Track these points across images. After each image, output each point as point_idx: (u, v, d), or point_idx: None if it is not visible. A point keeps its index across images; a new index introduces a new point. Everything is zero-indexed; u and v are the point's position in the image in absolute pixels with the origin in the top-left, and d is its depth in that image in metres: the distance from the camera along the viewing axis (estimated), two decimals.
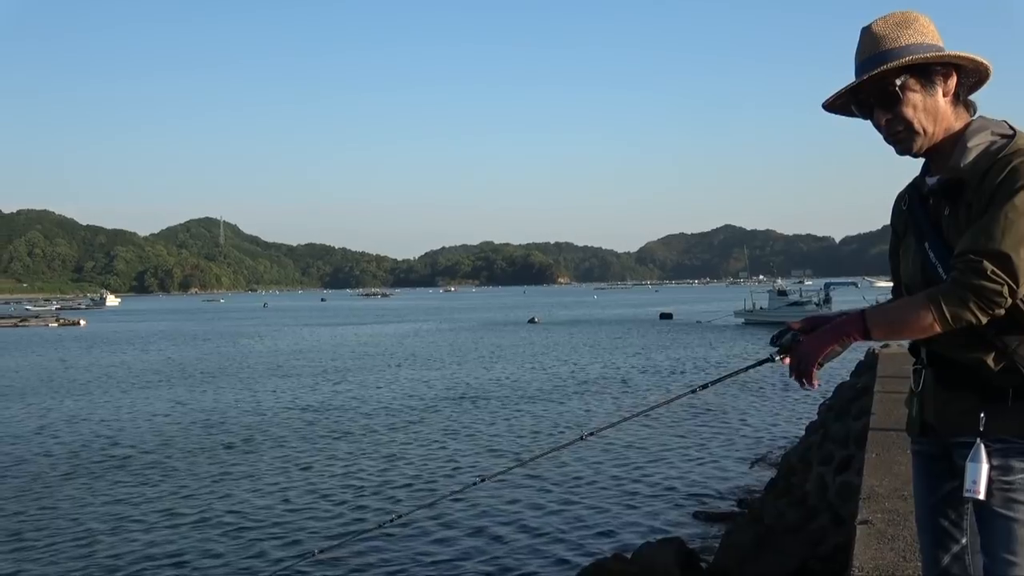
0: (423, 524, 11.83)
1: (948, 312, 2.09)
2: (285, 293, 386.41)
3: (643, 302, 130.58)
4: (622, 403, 23.68)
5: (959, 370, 2.25)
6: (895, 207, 2.52)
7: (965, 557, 2.34)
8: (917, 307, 2.15)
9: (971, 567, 2.33)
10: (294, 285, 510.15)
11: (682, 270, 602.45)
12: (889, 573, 4.08)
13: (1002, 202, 2.08)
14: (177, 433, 19.90)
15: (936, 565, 2.39)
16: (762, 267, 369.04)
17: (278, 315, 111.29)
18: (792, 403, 22.58)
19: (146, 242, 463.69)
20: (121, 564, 10.70)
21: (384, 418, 21.66)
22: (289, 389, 28.48)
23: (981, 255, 2.06)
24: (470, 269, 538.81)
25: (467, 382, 29.54)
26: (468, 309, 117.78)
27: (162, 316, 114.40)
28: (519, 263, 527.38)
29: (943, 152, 2.28)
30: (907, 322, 2.18)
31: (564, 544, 11.19)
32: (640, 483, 14.28)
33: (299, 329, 72.13)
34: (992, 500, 2.16)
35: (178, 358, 42.90)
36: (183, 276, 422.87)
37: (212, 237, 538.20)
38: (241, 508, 13.18)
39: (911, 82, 2.24)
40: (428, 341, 52.95)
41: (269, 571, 10.09)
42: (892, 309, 2.27)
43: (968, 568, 2.34)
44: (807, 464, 11.55)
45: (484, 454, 16.92)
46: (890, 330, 2.24)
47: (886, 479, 5.85)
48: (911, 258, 2.38)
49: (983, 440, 2.17)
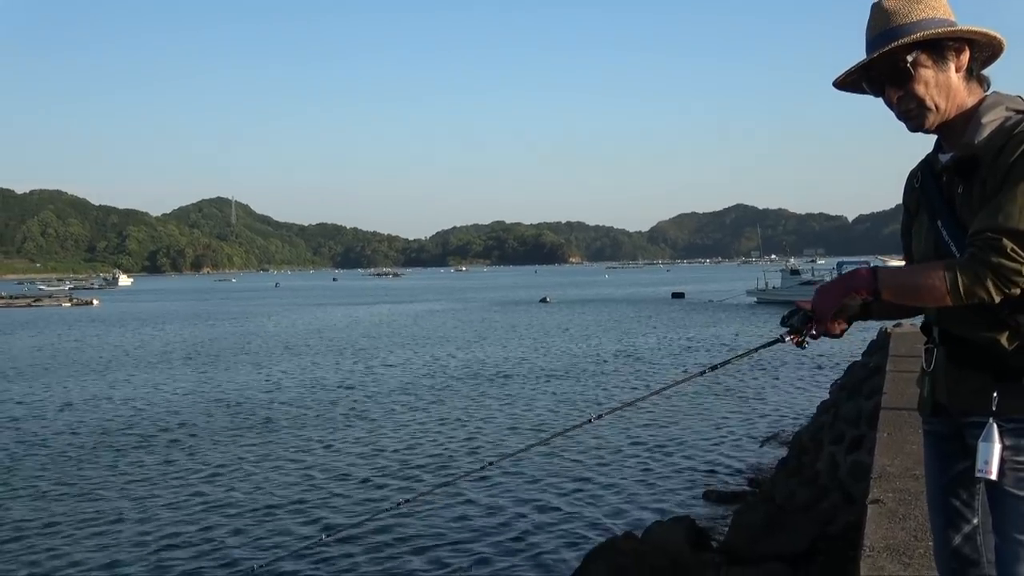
0: (437, 503, 11.89)
1: (963, 286, 2.06)
2: (296, 273, 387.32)
3: (655, 281, 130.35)
4: (634, 383, 23.69)
5: (972, 349, 2.22)
6: (907, 185, 2.49)
7: (977, 537, 2.33)
8: (931, 275, 2.12)
9: (983, 547, 2.32)
10: (305, 265, 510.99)
11: (694, 249, 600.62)
12: (900, 552, 4.08)
13: (1019, 179, 2.05)
14: (196, 413, 20.01)
15: (947, 545, 2.38)
16: (774, 246, 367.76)
17: (290, 295, 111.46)
18: (804, 382, 22.56)
19: (158, 222, 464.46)
20: (143, 541, 10.81)
21: (399, 397, 21.73)
22: (305, 368, 28.59)
23: (1000, 233, 2.03)
24: (481, 249, 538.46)
25: (481, 361, 29.58)
26: (480, 289, 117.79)
27: (174, 296, 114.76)
28: (530, 243, 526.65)
29: (956, 128, 2.25)
30: (919, 288, 2.15)
31: (576, 522, 11.24)
32: (652, 462, 14.30)
33: (312, 309, 72.26)
34: (1004, 480, 2.15)
35: (193, 338, 43.07)
36: (195, 256, 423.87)
37: (224, 217, 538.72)
38: (257, 488, 13.28)
39: (923, 58, 2.21)
40: (441, 321, 53.00)
41: (290, 549, 10.16)
42: (905, 272, 2.24)
43: (979, 548, 2.33)
44: (818, 443, 11.55)
45: (500, 433, 16.96)
46: (900, 292, 2.20)
47: (898, 458, 5.85)
48: (924, 236, 2.35)
49: (996, 420, 2.15)
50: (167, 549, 10.54)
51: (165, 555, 10.36)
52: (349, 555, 10.11)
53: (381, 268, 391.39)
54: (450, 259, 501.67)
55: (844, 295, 2.24)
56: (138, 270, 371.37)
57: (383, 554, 10.18)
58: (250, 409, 20.40)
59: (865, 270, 2.24)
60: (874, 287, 2.20)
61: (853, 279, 2.23)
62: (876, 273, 2.22)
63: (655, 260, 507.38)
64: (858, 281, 2.22)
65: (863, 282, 2.21)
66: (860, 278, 2.22)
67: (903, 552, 4.07)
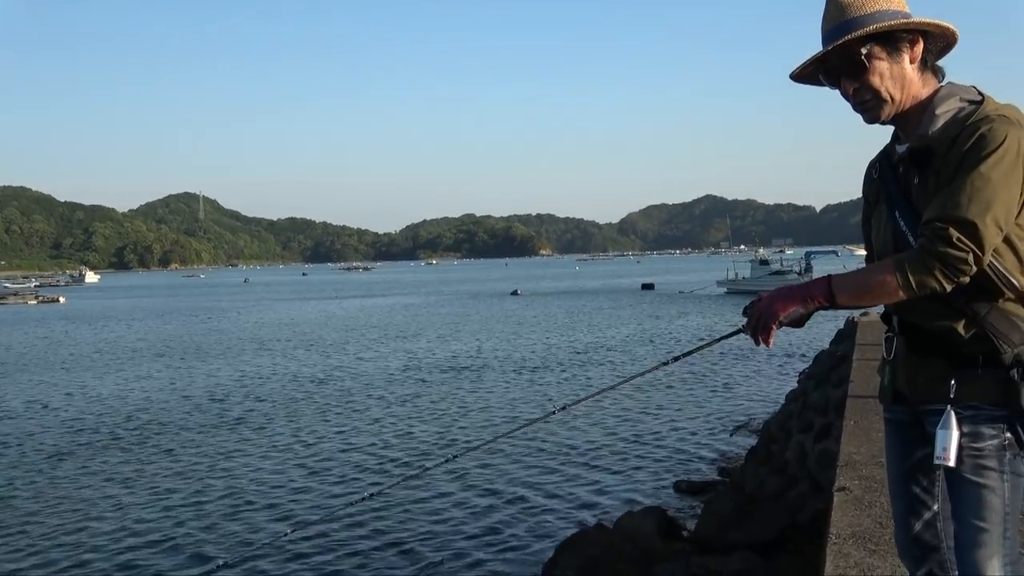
0: (408, 496, 11.89)
1: (913, 279, 2.09)
2: (266, 268, 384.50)
3: (625, 273, 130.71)
4: (603, 374, 23.78)
5: (930, 338, 2.25)
6: (866, 175, 2.51)
7: (937, 523, 2.36)
8: (883, 273, 2.14)
9: (943, 533, 2.35)
10: (275, 260, 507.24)
11: (664, 240, 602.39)
12: (866, 539, 4.11)
13: (969, 169, 2.07)
14: (167, 410, 19.85)
15: (908, 531, 2.41)
16: (743, 237, 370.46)
17: (260, 290, 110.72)
18: (773, 371, 22.74)
19: (125, 218, 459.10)
20: (113, 539, 10.74)
21: (369, 392, 21.66)
22: (278, 364, 28.44)
23: (947, 222, 2.05)
24: (452, 242, 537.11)
25: (454, 354, 29.54)
26: (451, 282, 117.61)
27: (142, 292, 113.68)
28: (501, 235, 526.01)
29: (912, 119, 2.27)
30: (872, 288, 2.17)
31: (547, 513, 11.26)
32: (623, 453, 14.36)
33: (283, 304, 71.86)
34: (962, 467, 2.17)
35: (162, 335, 42.69)
36: (163, 252, 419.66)
37: (192, 212, 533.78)
38: (226, 483, 13.20)
39: (877, 50, 2.22)
40: (413, 314, 52.86)
41: (258, 544, 10.10)
42: (858, 275, 2.26)
43: (940, 534, 2.36)
44: (787, 432, 11.64)
45: (471, 426, 16.96)
46: (856, 296, 2.22)
47: (864, 446, 5.89)
48: (882, 226, 2.37)
49: (954, 407, 2.18)
50: (137, 548, 10.45)
51: (134, 553, 10.28)
52: (317, 549, 10.09)
53: (351, 262, 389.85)
54: (420, 253, 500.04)
55: (799, 300, 2.24)
56: (105, 267, 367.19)
57: (352, 548, 10.16)
58: (222, 405, 20.27)
59: (820, 279, 2.25)
60: (829, 292, 2.22)
61: (810, 288, 2.25)
62: (830, 281, 2.23)
63: (625, 252, 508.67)
64: (814, 289, 2.23)
65: (819, 291, 2.23)
66: (816, 286, 2.24)
67: (868, 539, 4.11)
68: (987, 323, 2.16)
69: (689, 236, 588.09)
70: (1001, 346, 2.15)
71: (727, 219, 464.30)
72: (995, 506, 2.17)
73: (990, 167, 2.06)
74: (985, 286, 2.15)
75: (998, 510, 2.17)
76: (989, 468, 2.17)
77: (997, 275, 2.14)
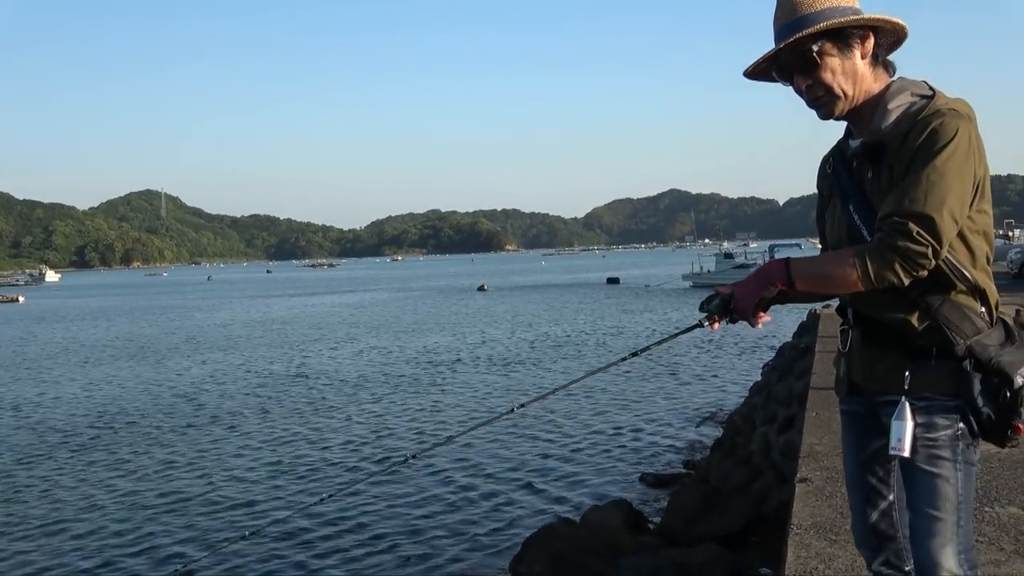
0: (372, 493, 11.86)
1: (872, 271, 2.11)
2: (229, 265, 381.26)
3: (590, 267, 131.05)
4: (570, 367, 23.81)
5: (885, 330, 2.28)
6: (820, 170, 2.53)
7: (892, 513, 2.39)
8: (842, 262, 2.17)
9: (898, 522, 2.38)
10: (239, 257, 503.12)
11: (629, 235, 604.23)
12: (827, 529, 4.17)
13: (923, 164, 2.09)
14: (131, 410, 19.66)
15: (865, 521, 2.44)
16: (708, 231, 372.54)
17: (225, 288, 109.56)
18: (738, 364, 22.90)
19: (86, 216, 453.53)
20: (79, 539, 10.66)
21: (340, 389, 21.58)
22: (247, 362, 28.23)
23: (906, 217, 2.08)
24: (417, 238, 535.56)
25: (421, 351, 29.47)
26: (417, 278, 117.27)
27: (104, 291, 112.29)
28: (466, 231, 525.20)
29: (864, 114, 2.29)
30: (831, 276, 2.20)
31: (513, 508, 11.28)
32: (588, 447, 14.40)
33: (250, 302, 71.19)
34: (917, 457, 2.20)
35: (128, 334, 42.18)
36: (124, 250, 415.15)
37: (153, 210, 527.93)
38: (191, 483, 13.11)
39: (828, 46, 2.24)
40: (380, 311, 52.66)
41: (222, 543, 10.04)
42: (817, 261, 2.29)
43: (896, 523, 2.39)
44: (751, 424, 11.74)
45: (435, 422, 16.94)
46: (813, 281, 2.26)
47: (825, 437, 5.95)
48: (837, 220, 2.39)
49: (908, 398, 2.21)
50: (107, 548, 10.38)
51: (104, 554, 10.20)
52: (283, 547, 10.04)
53: (316, 259, 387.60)
54: (385, 249, 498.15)
55: (761, 289, 2.28)
56: (66, 265, 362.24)
57: (318, 546, 10.12)
58: (192, 404, 20.12)
59: (778, 262, 2.28)
60: (788, 278, 2.24)
61: (768, 273, 2.27)
62: (789, 264, 2.26)
63: (591, 246, 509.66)
64: (772, 274, 2.26)
65: (777, 275, 2.25)
66: (774, 271, 2.26)
67: (829, 529, 4.16)
68: (940, 315, 2.19)
69: (654, 230, 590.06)
70: (954, 338, 2.19)
71: (691, 213, 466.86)
72: (949, 495, 2.21)
73: (944, 161, 2.09)
74: (938, 279, 2.18)
75: (952, 499, 2.21)
76: (943, 458, 2.20)
77: (950, 268, 2.18)
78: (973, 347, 2.19)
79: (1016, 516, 4.23)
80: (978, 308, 2.23)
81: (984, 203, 2.22)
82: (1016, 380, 2.16)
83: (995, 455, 4.93)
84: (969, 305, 2.22)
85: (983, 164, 2.18)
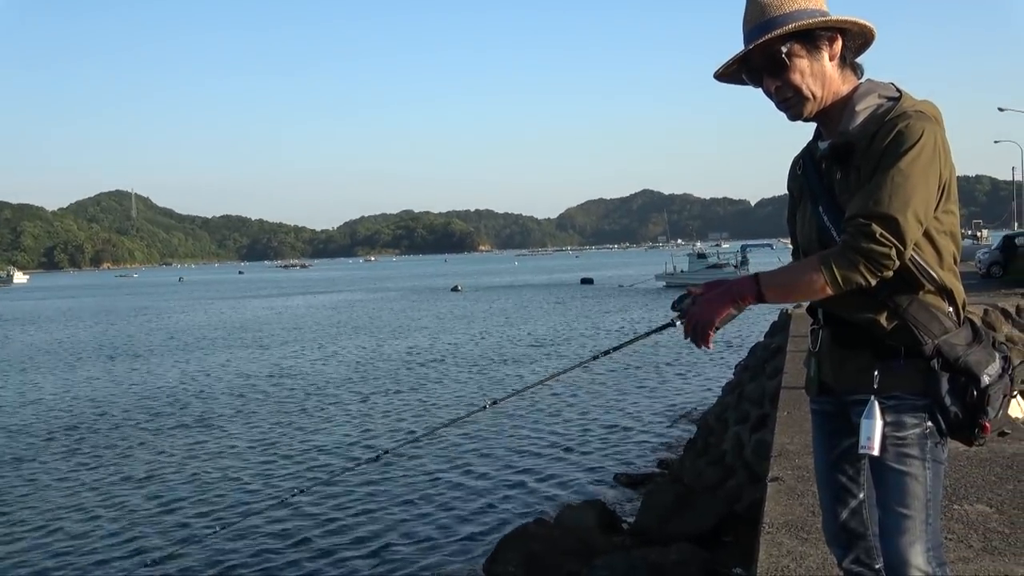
0: (344, 494, 11.84)
1: (839, 275, 2.12)
2: (201, 266, 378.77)
3: (564, 268, 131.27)
4: (545, 367, 23.81)
5: (854, 330, 2.30)
6: (791, 171, 2.55)
7: (862, 511, 2.42)
8: (809, 270, 2.18)
9: (868, 520, 2.41)
10: (210, 258, 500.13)
11: (602, 235, 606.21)
12: (799, 528, 4.19)
13: (889, 165, 2.12)
14: (100, 413, 19.48)
15: (835, 519, 2.46)
16: (681, 231, 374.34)
17: (198, 289, 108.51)
18: (710, 363, 22.99)
19: (55, 217, 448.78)
20: (49, 541, 10.56)
21: (314, 389, 21.49)
22: (226, 363, 28.06)
23: (870, 218, 2.10)
24: (390, 238, 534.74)
25: (399, 351, 29.39)
26: (390, 279, 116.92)
27: (75, 292, 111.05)
28: (440, 231, 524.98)
29: (833, 116, 2.31)
30: (799, 284, 2.21)
31: (487, 509, 11.27)
32: (562, 447, 14.42)
33: (220, 303, 70.64)
34: (886, 455, 2.22)
35: (100, 336, 41.73)
36: (94, 251, 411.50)
37: (124, 210, 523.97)
38: (160, 483, 13.02)
39: (797, 48, 2.26)
40: (358, 312, 52.41)
41: (198, 536, 9.99)
42: (785, 272, 2.30)
43: (865, 521, 2.41)
44: (724, 423, 11.80)
45: (410, 421, 16.90)
46: (783, 292, 2.26)
47: (797, 436, 5.98)
48: (806, 221, 2.41)
49: (877, 397, 2.23)
50: (80, 547, 10.28)
51: (76, 555, 10.11)
52: (251, 545, 10.03)
53: (289, 260, 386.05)
54: (358, 249, 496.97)
55: (730, 305, 2.27)
56: (34, 267, 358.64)
57: (288, 546, 10.09)
58: (172, 405, 19.98)
59: (746, 278, 2.27)
60: (757, 291, 2.24)
61: (737, 288, 2.27)
62: (758, 279, 2.26)
63: (564, 247, 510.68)
64: (743, 290, 2.26)
65: (747, 290, 2.25)
66: (744, 286, 2.26)
67: (801, 528, 4.18)
68: (908, 315, 2.22)
69: (627, 231, 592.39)
70: (922, 337, 2.21)
71: (664, 214, 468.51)
72: (917, 493, 2.23)
73: (909, 163, 2.11)
74: (906, 279, 2.20)
75: (920, 497, 2.23)
76: (911, 456, 2.23)
77: (917, 268, 2.20)
78: (941, 346, 2.21)
79: (984, 513, 4.28)
80: (946, 308, 2.26)
81: (950, 204, 2.24)
82: (983, 379, 2.19)
83: (964, 453, 4.99)
84: (937, 305, 2.24)
85: (949, 165, 2.20)
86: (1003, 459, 5.19)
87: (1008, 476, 4.87)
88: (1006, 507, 4.35)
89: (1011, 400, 2.29)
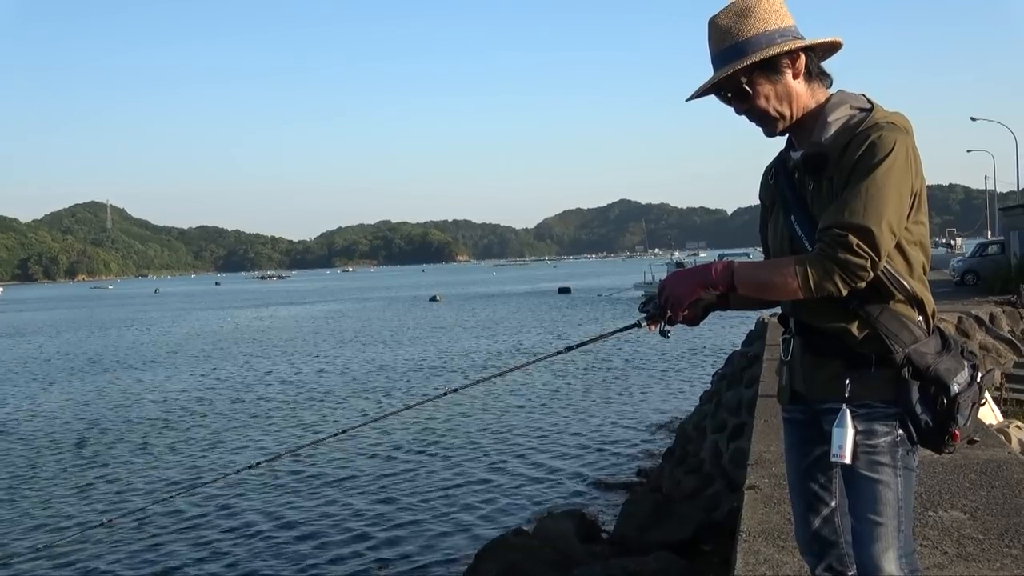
0: (322, 496, 11.78)
1: (812, 280, 2.14)
2: (177, 278, 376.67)
3: (542, 277, 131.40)
4: (527, 372, 23.81)
5: (825, 338, 2.31)
6: (763, 181, 2.56)
7: (835, 519, 2.42)
8: (783, 271, 2.20)
9: (840, 528, 2.42)
10: (186, 269, 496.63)
11: (580, 245, 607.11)
12: (775, 536, 4.19)
13: (862, 177, 2.13)
14: (101, 423, 19.33)
15: (808, 527, 2.47)
16: (659, 240, 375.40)
17: (175, 301, 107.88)
18: (688, 372, 23.08)
19: (29, 228, 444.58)
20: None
21: (307, 397, 21.39)
22: (197, 376, 27.93)
23: (846, 229, 2.11)
24: (368, 249, 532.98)
25: (371, 360, 29.33)
26: (369, 289, 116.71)
27: (49, 305, 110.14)
28: (417, 241, 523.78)
29: (806, 127, 2.33)
30: (772, 283, 2.22)
31: (466, 518, 11.26)
32: (542, 455, 14.45)
33: (197, 314, 70.25)
34: (858, 463, 2.24)
35: (73, 349, 41.39)
36: (69, 263, 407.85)
37: (99, 222, 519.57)
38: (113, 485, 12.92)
39: (758, 77, 2.28)
40: (334, 323, 52.24)
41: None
42: (760, 268, 2.30)
43: (838, 529, 2.42)
44: (702, 432, 11.84)
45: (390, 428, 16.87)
46: (755, 288, 2.26)
47: (774, 445, 5.99)
48: (779, 231, 2.43)
49: (848, 406, 2.24)
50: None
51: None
52: (226, 546, 9.94)
53: (265, 271, 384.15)
54: (336, 260, 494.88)
55: (702, 288, 2.29)
56: (8, 279, 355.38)
57: (268, 554, 10.03)
58: (160, 411, 19.83)
59: (723, 264, 2.29)
60: (731, 282, 2.26)
61: (712, 274, 2.28)
62: (732, 268, 2.27)
63: (542, 256, 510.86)
64: (718, 274, 2.27)
65: (722, 275, 2.27)
66: (719, 271, 2.27)
67: (778, 536, 4.19)
68: (879, 324, 2.23)
69: (605, 240, 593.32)
70: (893, 346, 2.23)
71: (642, 223, 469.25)
72: (889, 500, 2.24)
73: (883, 174, 2.13)
74: (877, 288, 2.22)
75: (892, 504, 2.25)
76: (883, 464, 2.24)
77: (888, 278, 2.22)
78: (911, 355, 2.23)
79: (958, 520, 4.30)
80: (916, 317, 2.27)
81: (921, 214, 2.26)
82: (952, 388, 2.21)
83: (938, 460, 5.02)
84: (907, 314, 2.26)
85: (920, 176, 2.23)
86: (977, 465, 5.23)
87: (982, 482, 4.91)
88: (980, 513, 4.38)
89: (981, 407, 2.31)
